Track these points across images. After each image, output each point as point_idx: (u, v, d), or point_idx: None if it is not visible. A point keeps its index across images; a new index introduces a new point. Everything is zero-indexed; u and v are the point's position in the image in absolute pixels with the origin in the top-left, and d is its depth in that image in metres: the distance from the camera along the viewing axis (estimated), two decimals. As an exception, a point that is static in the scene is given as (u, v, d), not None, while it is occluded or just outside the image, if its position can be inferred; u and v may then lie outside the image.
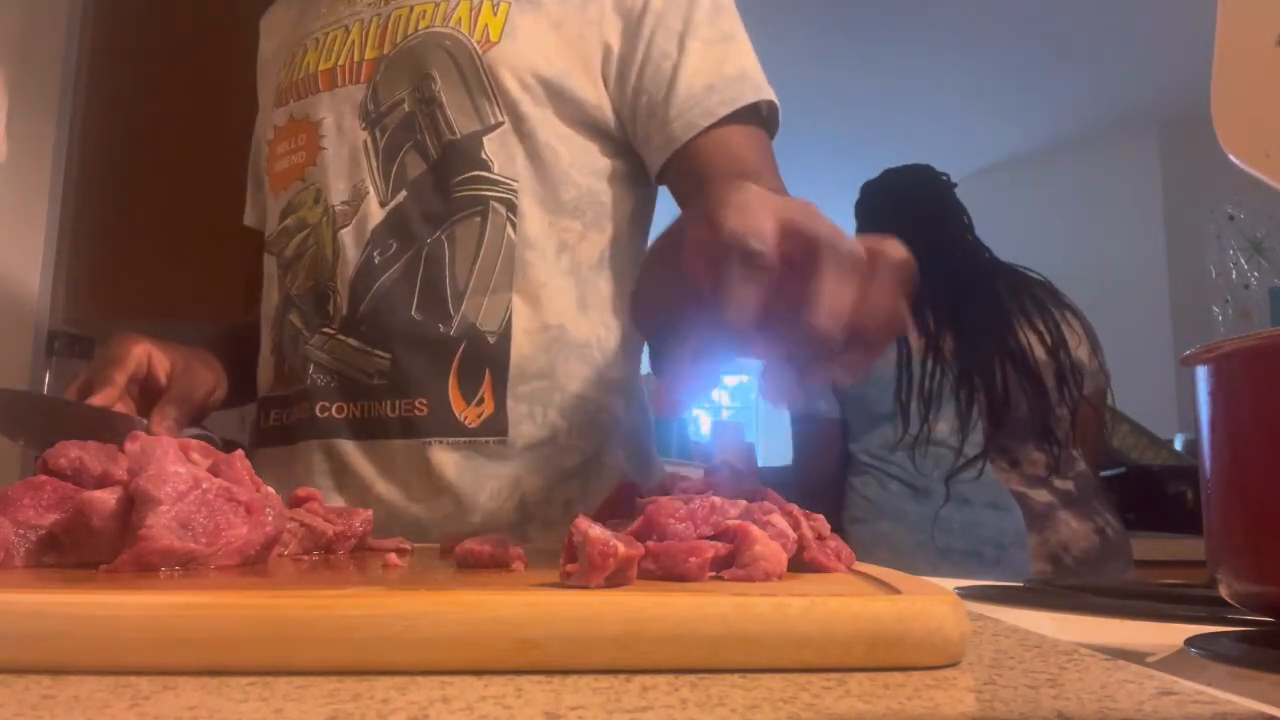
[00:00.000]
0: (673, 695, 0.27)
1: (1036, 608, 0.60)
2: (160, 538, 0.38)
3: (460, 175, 0.84)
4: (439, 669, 0.30)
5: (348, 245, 0.85)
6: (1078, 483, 1.68)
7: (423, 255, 0.84)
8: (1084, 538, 1.58)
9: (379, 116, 0.86)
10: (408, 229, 0.84)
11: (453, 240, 0.84)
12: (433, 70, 0.84)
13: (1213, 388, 0.44)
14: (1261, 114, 0.44)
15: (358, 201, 0.85)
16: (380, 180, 0.85)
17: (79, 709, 0.25)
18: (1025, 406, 1.63)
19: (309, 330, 0.87)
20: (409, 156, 0.85)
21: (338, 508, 0.54)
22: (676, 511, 0.41)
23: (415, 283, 0.84)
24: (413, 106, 0.85)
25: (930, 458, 1.61)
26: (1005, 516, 1.56)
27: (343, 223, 0.85)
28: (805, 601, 0.31)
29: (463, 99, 0.84)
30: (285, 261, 0.90)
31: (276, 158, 0.92)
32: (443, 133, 0.84)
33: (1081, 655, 0.34)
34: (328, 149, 0.87)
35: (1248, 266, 3.88)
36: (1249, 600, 0.43)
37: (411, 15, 0.87)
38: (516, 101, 0.84)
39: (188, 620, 0.29)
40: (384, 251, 0.84)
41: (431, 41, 0.85)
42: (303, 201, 0.89)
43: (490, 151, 0.85)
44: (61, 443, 0.46)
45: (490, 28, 0.85)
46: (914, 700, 0.27)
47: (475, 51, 0.84)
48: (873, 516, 1.63)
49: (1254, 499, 0.41)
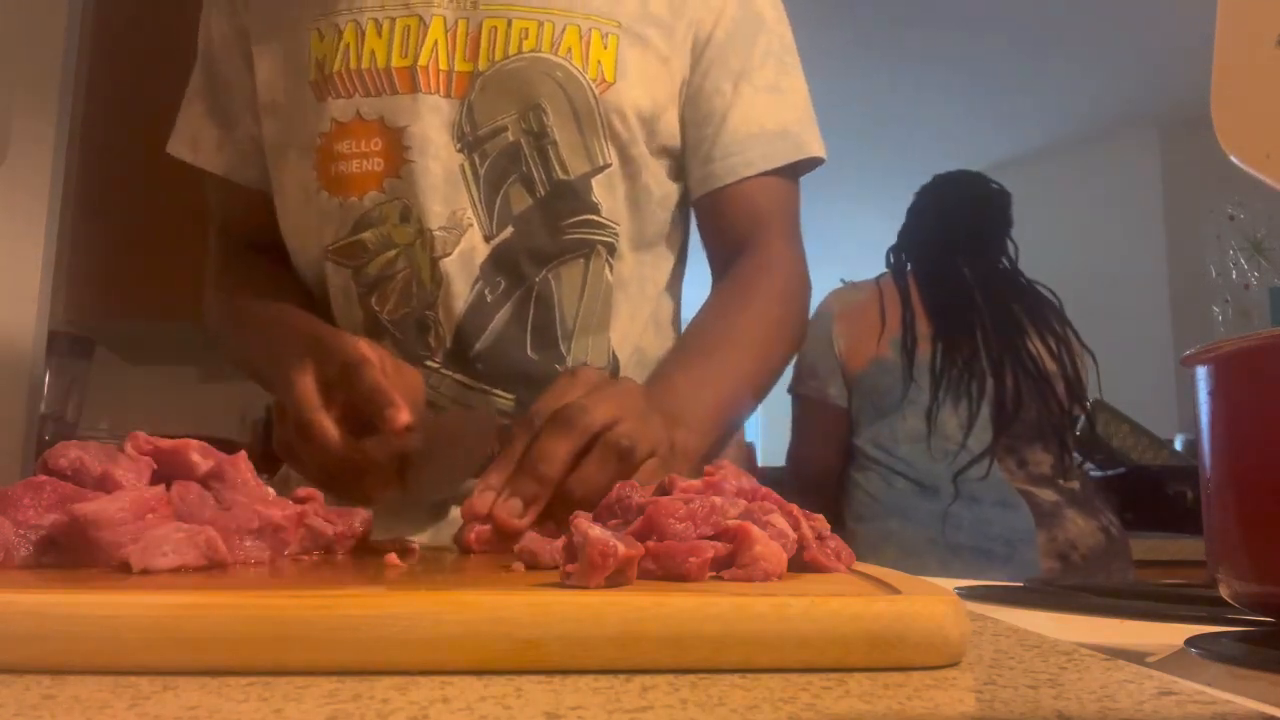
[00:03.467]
0: (673, 695, 0.27)
1: (1036, 608, 0.60)
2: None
3: (570, 217, 0.83)
4: (439, 669, 0.30)
5: (453, 278, 0.81)
6: (1083, 483, 1.69)
7: (533, 295, 0.83)
8: (1090, 535, 1.59)
9: (477, 140, 0.82)
10: (516, 267, 0.82)
11: (559, 281, 0.83)
12: (543, 102, 0.81)
13: (1213, 388, 0.44)
14: (1261, 114, 0.44)
15: (459, 231, 0.81)
16: (484, 211, 0.82)
17: (79, 709, 0.25)
18: (1034, 409, 1.64)
19: (409, 361, 0.81)
20: (513, 189, 0.82)
21: (338, 508, 0.54)
22: (676, 511, 0.41)
23: (527, 322, 0.83)
24: (517, 136, 0.81)
25: (937, 454, 1.62)
26: (1014, 514, 1.57)
27: (443, 251, 0.81)
28: (805, 601, 0.31)
29: (575, 137, 0.82)
30: (367, 280, 0.84)
31: (338, 156, 0.83)
32: (553, 170, 0.82)
33: (1081, 655, 0.34)
34: (415, 162, 0.81)
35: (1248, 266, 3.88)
36: (1249, 600, 0.43)
37: (511, 31, 0.81)
38: (626, 144, 0.84)
39: (188, 620, 0.29)
40: (494, 289, 0.82)
41: (540, 69, 0.81)
42: (385, 216, 0.82)
43: (599, 194, 0.84)
44: (61, 443, 0.46)
45: (604, 66, 0.82)
46: (914, 700, 0.27)
47: (592, 92, 0.82)
48: (879, 514, 1.63)
49: (1254, 499, 0.41)
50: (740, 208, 0.88)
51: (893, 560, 1.50)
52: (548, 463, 0.56)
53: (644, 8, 0.85)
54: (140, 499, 0.41)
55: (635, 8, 0.84)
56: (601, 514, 0.47)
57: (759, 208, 0.89)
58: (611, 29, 0.83)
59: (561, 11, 0.81)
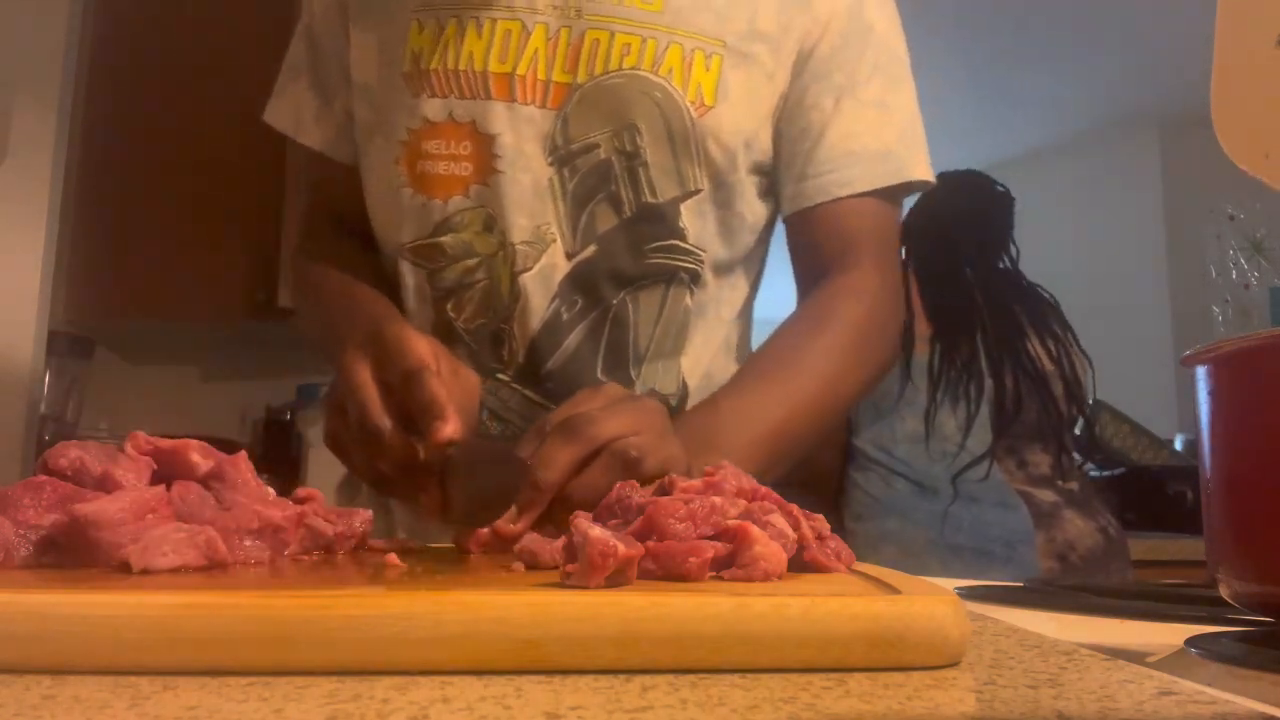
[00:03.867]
0: (673, 695, 0.27)
1: (1036, 608, 0.60)
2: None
3: (655, 241, 0.81)
4: (439, 669, 0.30)
5: (531, 293, 0.80)
6: (1081, 484, 1.69)
7: (609, 317, 0.81)
8: (1089, 536, 1.59)
9: (569, 155, 0.80)
10: (595, 287, 0.81)
11: (636, 304, 0.82)
12: (639, 122, 0.79)
13: (1213, 388, 0.44)
14: (1261, 115, 0.44)
15: (542, 246, 0.80)
16: (567, 228, 0.80)
17: (79, 709, 0.25)
18: (1034, 410, 1.64)
19: (481, 373, 0.80)
20: (600, 208, 0.80)
21: (338, 508, 0.54)
22: (676, 511, 0.41)
23: (600, 344, 0.81)
24: (609, 154, 0.80)
25: (936, 454, 1.62)
26: (1013, 515, 1.57)
27: (524, 266, 0.80)
28: (805, 601, 0.31)
29: (667, 160, 0.80)
30: (444, 285, 0.82)
31: (426, 155, 0.81)
32: (642, 192, 0.80)
33: (1081, 655, 0.34)
34: (504, 172, 0.80)
35: (1248, 266, 3.88)
36: (1249, 600, 0.43)
37: (613, 45, 0.79)
38: (721, 171, 0.82)
39: (188, 620, 0.29)
40: (570, 308, 0.81)
41: (638, 88, 0.79)
42: (469, 224, 0.81)
43: (687, 220, 0.82)
44: (61, 443, 0.46)
45: (704, 88, 0.80)
46: (914, 700, 0.27)
47: (689, 115, 0.79)
48: (878, 514, 1.64)
49: (1254, 499, 0.41)
50: (831, 228, 0.84)
51: (892, 560, 1.50)
52: (548, 469, 0.55)
53: (751, 25, 0.81)
54: (140, 499, 0.41)
55: (742, 25, 0.81)
56: (601, 514, 0.47)
57: (851, 229, 0.84)
58: (716, 49, 0.80)
59: (666, 29, 0.79)
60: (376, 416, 0.59)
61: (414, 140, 0.82)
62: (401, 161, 0.83)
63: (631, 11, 0.79)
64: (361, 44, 0.86)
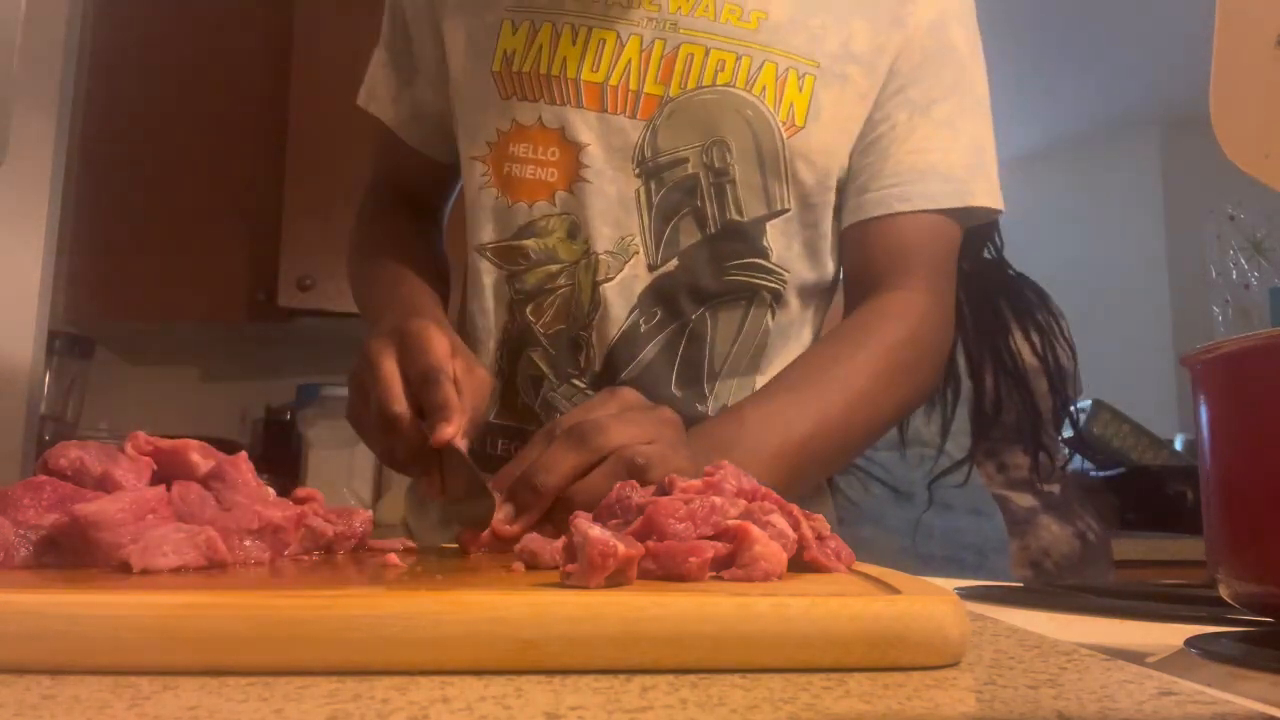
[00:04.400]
0: (673, 695, 0.27)
1: (1036, 608, 0.60)
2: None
3: (737, 259, 0.81)
4: (439, 669, 0.30)
5: (612, 303, 0.80)
6: (1063, 486, 1.68)
7: (686, 331, 0.81)
8: (1065, 543, 1.58)
9: (657, 168, 0.80)
10: (675, 301, 0.81)
11: (715, 321, 0.82)
12: (728, 139, 0.79)
13: (1213, 388, 0.44)
14: (1261, 115, 0.44)
15: (625, 257, 0.81)
16: (651, 240, 0.81)
17: (79, 709, 0.25)
18: (1014, 411, 1.63)
19: (557, 378, 0.82)
20: (684, 222, 0.81)
21: (338, 508, 0.54)
22: (676, 511, 0.41)
23: (675, 357, 0.81)
24: (697, 169, 0.80)
25: (914, 460, 1.60)
26: (986, 522, 1.55)
27: (606, 275, 0.80)
28: (805, 601, 0.31)
29: (754, 178, 0.80)
30: (525, 288, 0.83)
31: (513, 158, 0.82)
32: (727, 209, 0.80)
33: (1081, 655, 0.34)
34: (591, 181, 0.80)
35: (1248, 266, 3.88)
36: (1249, 600, 0.43)
37: (708, 60, 0.79)
38: (809, 193, 0.81)
39: (188, 620, 0.29)
40: (649, 320, 0.81)
41: (730, 104, 0.79)
42: (553, 229, 0.81)
43: (771, 239, 0.81)
44: (61, 443, 0.46)
45: (796, 108, 0.79)
46: (914, 700, 0.27)
47: (780, 134, 0.79)
48: (855, 520, 1.62)
49: (1253, 499, 0.41)
50: (886, 244, 0.82)
51: None
52: (548, 473, 0.55)
53: (845, 47, 0.81)
54: (140, 499, 0.41)
55: (836, 47, 0.81)
56: (601, 514, 0.47)
57: (907, 246, 0.82)
58: (809, 69, 0.80)
59: (761, 46, 0.79)
60: (395, 403, 0.61)
61: (502, 142, 0.82)
62: (488, 161, 0.83)
63: (727, 28, 0.79)
64: (450, 36, 0.86)
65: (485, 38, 0.83)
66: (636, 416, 0.60)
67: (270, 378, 2.61)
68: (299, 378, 2.54)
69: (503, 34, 0.82)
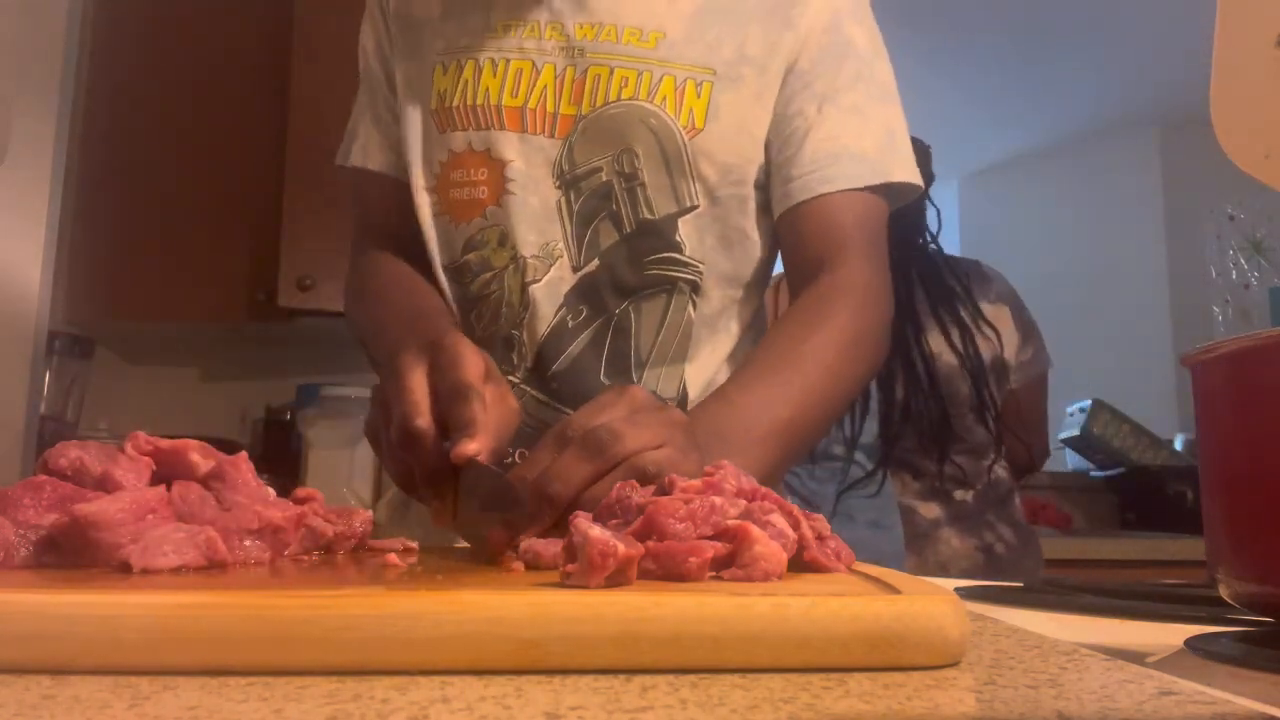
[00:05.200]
0: (673, 695, 0.27)
1: (1036, 608, 0.60)
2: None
3: (653, 254, 0.87)
4: (439, 669, 0.30)
5: (540, 302, 0.87)
6: (980, 493, 1.63)
7: (611, 324, 0.87)
8: (965, 557, 1.55)
9: (575, 179, 0.87)
10: (599, 297, 0.87)
11: (639, 313, 0.88)
12: (635, 146, 0.86)
13: (1213, 388, 0.44)
14: (1261, 115, 0.44)
15: (550, 260, 0.87)
16: (574, 244, 0.88)
17: (79, 709, 0.25)
18: (926, 418, 1.58)
19: None
20: (603, 225, 0.87)
21: (338, 508, 0.54)
22: (676, 511, 0.41)
23: (603, 349, 0.87)
24: (610, 177, 0.87)
25: (824, 474, 1.56)
26: (884, 537, 1.52)
27: (533, 277, 0.87)
28: (805, 601, 0.31)
29: (663, 180, 0.86)
30: (470, 298, 0.90)
31: (452, 184, 0.90)
32: (640, 210, 0.87)
33: (1081, 655, 0.34)
34: (516, 194, 0.87)
35: (1248, 266, 3.88)
36: (1249, 600, 0.43)
37: (612, 79, 0.86)
38: (714, 187, 0.87)
39: (188, 620, 0.29)
40: (576, 316, 0.87)
41: (635, 116, 0.86)
42: (486, 241, 0.89)
43: (684, 234, 0.87)
44: (61, 443, 0.46)
45: (695, 112, 0.86)
46: (914, 700, 0.27)
47: (681, 138, 0.86)
48: None
49: (1253, 499, 0.41)
50: (817, 225, 0.88)
51: None
52: (562, 483, 0.55)
53: (740, 51, 0.87)
54: (140, 499, 0.41)
55: (731, 53, 0.87)
56: (601, 514, 0.47)
57: (837, 225, 0.87)
58: (706, 76, 0.86)
59: (659, 62, 0.86)
60: (419, 417, 0.60)
61: (444, 172, 0.91)
62: (436, 191, 0.92)
63: (629, 49, 0.87)
64: (400, 83, 0.95)
65: (421, 82, 0.92)
66: (647, 419, 0.60)
67: (270, 378, 2.61)
68: (299, 378, 2.54)
69: (435, 77, 0.91)
